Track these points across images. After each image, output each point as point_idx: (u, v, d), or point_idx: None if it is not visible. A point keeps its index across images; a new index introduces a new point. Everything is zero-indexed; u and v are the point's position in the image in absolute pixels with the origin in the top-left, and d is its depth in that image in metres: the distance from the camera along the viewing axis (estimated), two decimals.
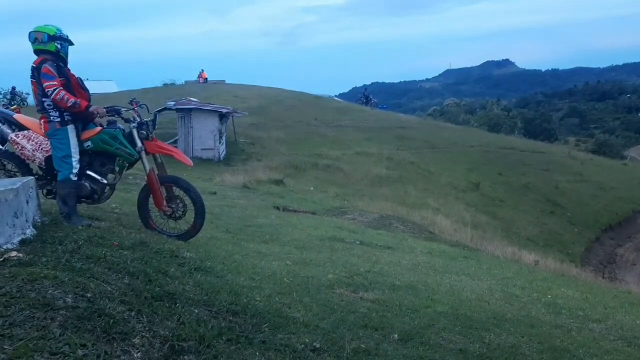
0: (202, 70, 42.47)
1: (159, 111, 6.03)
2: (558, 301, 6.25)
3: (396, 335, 3.78)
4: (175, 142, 21.18)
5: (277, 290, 4.37)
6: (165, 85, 41.91)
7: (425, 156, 31.07)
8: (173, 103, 22.10)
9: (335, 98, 59.67)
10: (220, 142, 22.48)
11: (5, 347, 1.79)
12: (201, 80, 41.52)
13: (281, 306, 3.87)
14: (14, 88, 32.86)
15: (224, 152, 23.07)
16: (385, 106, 51.29)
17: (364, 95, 47.64)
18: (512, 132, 58.74)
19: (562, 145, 55.80)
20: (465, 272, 7.36)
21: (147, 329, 2.35)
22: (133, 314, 2.45)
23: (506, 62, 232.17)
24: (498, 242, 15.32)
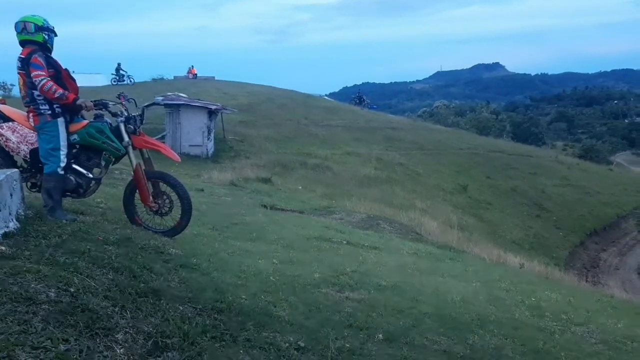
0: (192, 66, 42.30)
1: (147, 106, 5.99)
2: (542, 304, 6.30)
3: (381, 336, 3.79)
4: (163, 137, 21.04)
5: (263, 288, 4.36)
6: (154, 80, 41.60)
7: (414, 157, 31.18)
8: (161, 98, 21.91)
9: (326, 97, 59.66)
10: (208, 139, 22.38)
11: None
12: (190, 76, 41.31)
13: (266, 305, 3.86)
14: None
15: (212, 149, 22.97)
16: (375, 107, 51.38)
17: (358, 95, 47.61)
18: (501, 135, 59.12)
19: (550, 149, 56.27)
20: (450, 274, 7.40)
21: (130, 325, 2.33)
22: (117, 309, 2.43)
23: (496, 66, 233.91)
24: (484, 244, 15.43)
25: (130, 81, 36.84)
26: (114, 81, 36.86)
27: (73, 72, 5.29)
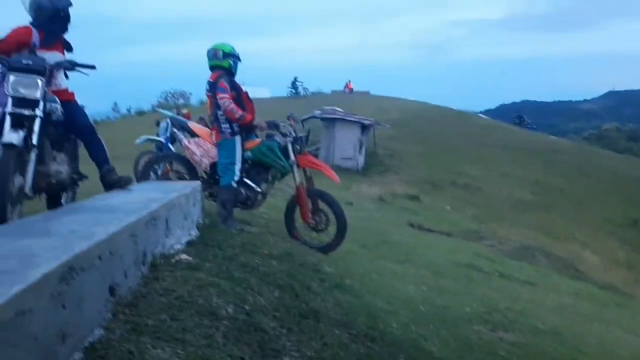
0: (349, 80, 43.45)
1: (306, 119, 6.34)
2: None
3: None
4: (317, 149, 21.90)
5: (413, 318, 4.34)
6: (313, 94, 43.52)
7: (577, 183, 28.70)
8: (319, 112, 22.96)
9: (481, 115, 57.52)
10: (360, 153, 22.83)
11: (179, 351, 1.99)
12: (347, 90, 42.47)
13: (417, 337, 3.83)
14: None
15: (363, 163, 23.38)
16: (535, 127, 48.34)
17: (518, 115, 45.25)
18: None
19: None
20: (617, 323, 6.71)
21: (295, 348, 2.47)
22: (284, 330, 2.59)
23: None
24: None
25: (306, 94, 39.19)
26: (291, 94, 39.58)
27: (243, 84, 5.81)
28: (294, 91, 39.93)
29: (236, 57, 5.49)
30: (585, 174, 31.17)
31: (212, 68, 5.46)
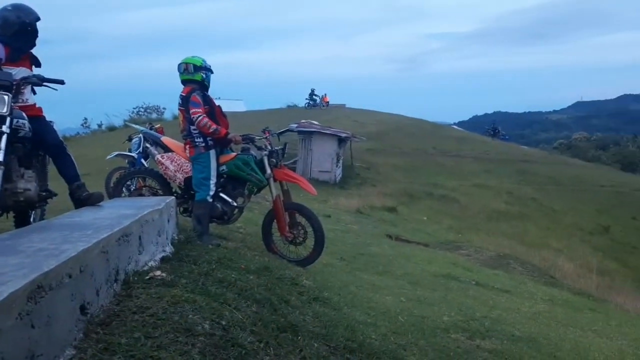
0: (325, 94, 43.64)
1: (281, 132, 6.33)
2: None
3: None
4: (295, 162, 21.89)
5: (392, 329, 4.33)
6: (288, 107, 43.61)
7: (549, 193, 29.23)
8: (295, 125, 22.97)
9: (455, 126, 58.31)
10: (337, 166, 22.88)
11: None
12: (323, 104, 42.67)
13: (396, 347, 3.82)
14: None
15: (340, 176, 23.44)
16: (507, 137, 49.18)
17: (492, 127, 45.91)
18: None
19: None
20: (591, 328, 6.78)
21: None
22: (262, 345, 2.55)
23: None
24: (628, 293, 13.99)
25: (323, 105, 40.21)
26: (308, 105, 40.41)
27: (218, 98, 5.78)
28: (311, 102, 40.68)
29: (208, 70, 5.44)
30: (557, 183, 31.80)
31: (184, 82, 5.40)
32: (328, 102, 42.60)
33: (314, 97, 41.08)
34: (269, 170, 5.47)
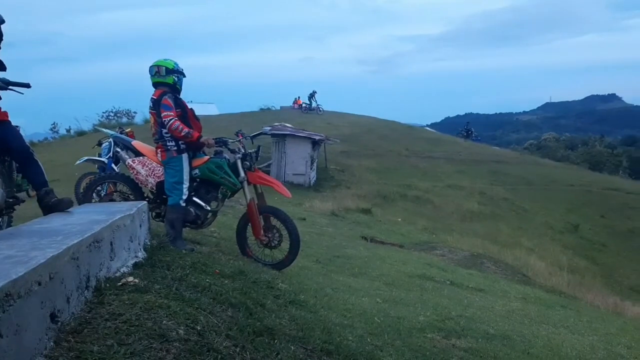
0: (298, 97, 43.67)
1: (255, 136, 6.29)
2: None
3: None
4: (269, 166, 21.82)
5: (369, 330, 4.34)
6: (262, 110, 43.46)
7: (520, 192, 29.76)
8: (269, 128, 22.91)
9: (428, 128, 58.92)
10: (311, 168, 22.89)
11: None
12: (296, 106, 42.68)
13: (373, 348, 3.83)
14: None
15: (314, 178, 23.45)
16: (479, 138, 49.89)
17: (466, 128, 46.39)
18: (617, 171, 54.81)
19: None
20: (563, 324, 6.92)
21: None
22: (238, 350, 2.53)
23: (612, 97, 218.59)
24: (598, 290, 14.34)
25: (320, 111, 40.44)
26: (304, 110, 40.67)
27: (190, 101, 5.72)
28: (307, 105, 40.74)
29: (180, 73, 5.37)
30: (528, 183, 32.39)
31: (156, 85, 5.32)
32: (301, 104, 42.62)
33: (312, 100, 41.05)
34: (242, 174, 5.42)
